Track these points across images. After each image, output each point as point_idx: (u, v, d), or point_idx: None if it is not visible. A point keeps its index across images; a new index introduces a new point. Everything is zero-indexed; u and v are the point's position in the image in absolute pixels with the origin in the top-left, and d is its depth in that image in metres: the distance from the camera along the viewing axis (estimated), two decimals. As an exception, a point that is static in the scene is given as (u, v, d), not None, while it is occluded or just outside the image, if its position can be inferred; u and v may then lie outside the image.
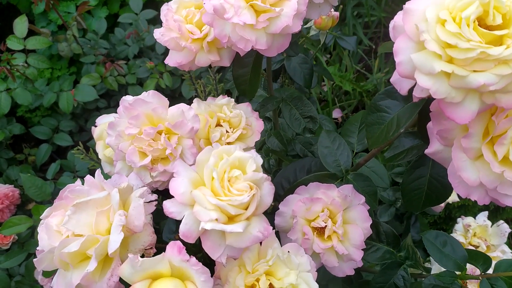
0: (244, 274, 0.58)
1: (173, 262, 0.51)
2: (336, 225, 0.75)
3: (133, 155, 0.70)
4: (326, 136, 0.86)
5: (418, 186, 0.67)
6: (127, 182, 0.57)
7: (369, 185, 0.83)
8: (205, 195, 0.53)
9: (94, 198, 0.54)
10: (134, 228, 0.55)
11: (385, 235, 0.84)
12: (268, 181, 0.55)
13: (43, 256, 0.54)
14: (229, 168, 0.54)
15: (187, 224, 0.53)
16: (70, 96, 1.56)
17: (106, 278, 0.53)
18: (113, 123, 0.72)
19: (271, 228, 0.56)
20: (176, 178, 0.55)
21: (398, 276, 0.82)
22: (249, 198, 0.52)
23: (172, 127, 0.70)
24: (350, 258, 0.77)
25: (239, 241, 0.54)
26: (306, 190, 0.79)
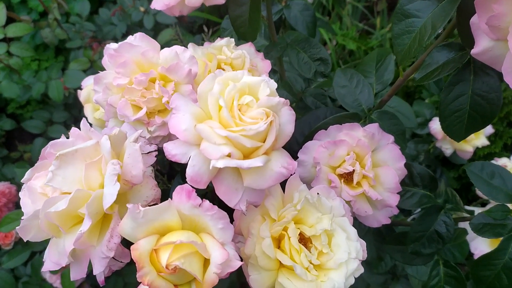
0: (269, 223, 0.49)
1: (183, 211, 0.42)
2: (365, 168, 0.66)
3: (125, 109, 0.60)
4: (341, 75, 0.76)
5: (458, 106, 0.58)
6: (118, 129, 0.47)
7: (396, 124, 0.73)
8: (213, 128, 0.43)
9: (80, 147, 0.45)
10: (132, 179, 0.45)
11: (419, 178, 0.75)
12: (287, 106, 0.46)
13: (27, 223, 0.45)
14: (238, 94, 0.45)
15: (195, 166, 0.44)
16: (60, 84, 1.46)
17: (105, 240, 0.43)
18: (99, 76, 0.62)
19: (295, 163, 0.46)
20: (176, 114, 0.45)
21: (439, 222, 0.73)
22: (266, 126, 0.43)
23: (166, 71, 0.60)
24: (385, 205, 0.68)
25: (259, 180, 0.44)
26: (326, 134, 0.70)
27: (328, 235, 0.51)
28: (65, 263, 0.44)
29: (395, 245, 0.81)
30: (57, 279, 1.24)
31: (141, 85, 0.60)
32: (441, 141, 1.15)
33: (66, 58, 1.70)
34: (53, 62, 1.67)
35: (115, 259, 0.47)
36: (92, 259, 0.45)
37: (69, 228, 0.45)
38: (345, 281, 0.49)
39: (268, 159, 0.44)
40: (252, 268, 0.47)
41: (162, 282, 0.40)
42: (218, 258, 0.40)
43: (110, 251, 0.43)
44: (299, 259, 0.48)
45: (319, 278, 0.49)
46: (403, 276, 1.05)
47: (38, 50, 1.69)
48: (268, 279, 0.48)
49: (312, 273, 0.48)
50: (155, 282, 0.39)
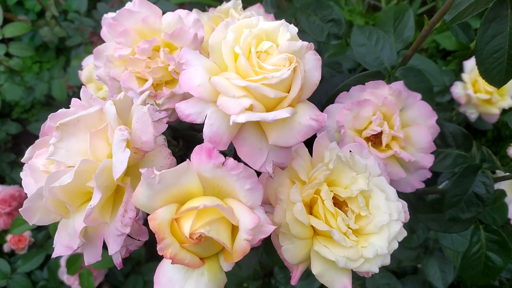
0: (299, 186, 0.43)
1: (204, 173, 0.37)
2: (394, 129, 0.61)
3: (130, 81, 0.56)
4: (359, 33, 0.70)
5: (497, 46, 0.52)
6: (123, 93, 0.42)
7: (422, 81, 0.68)
8: (230, 80, 0.38)
9: (83, 115, 0.40)
10: (142, 145, 0.40)
11: (452, 137, 0.69)
12: (311, 50, 0.40)
13: (31, 204, 0.40)
14: (255, 41, 0.40)
15: (213, 125, 0.39)
16: (63, 83, 1.42)
17: (119, 215, 0.38)
18: (99, 49, 0.58)
19: (325, 115, 0.41)
20: (187, 69, 0.40)
21: (477, 183, 0.67)
22: (290, 72, 0.38)
23: (170, 37, 0.56)
24: (418, 166, 0.62)
25: (286, 136, 0.39)
26: (348, 96, 0.65)
27: (365, 196, 0.45)
28: (77, 245, 0.39)
29: (430, 214, 0.76)
30: (75, 281, 1.20)
31: (144, 54, 0.56)
32: (465, 106, 1.08)
33: (67, 58, 1.65)
34: (54, 62, 1.63)
35: (131, 238, 0.42)
36: (106, 238, 0.40)
37: (78, 206, 0.40)
38: (388, 245, 0.44)
39: (295, 111, 0.39)
40: (284, 237, 0.42)
41: (186, 255, 0.35)
42: (248, 223, 0.35)
43: (125, 227, 0.38)
44: (335, 223, 0.42)
45: (359, 243, 0.43)
46: (437, 249, 0.99)
47: (39, 52, 1.65)
48: (303, 248, 0.43)
49: (351, 239, 0.43)
50: (179, 254, 0.34)
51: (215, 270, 0.37)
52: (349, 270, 0.43)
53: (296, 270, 0.44)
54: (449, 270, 0.99)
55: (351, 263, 0.42)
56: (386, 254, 0.44)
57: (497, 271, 0.71)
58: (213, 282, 0.36)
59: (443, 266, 0.98)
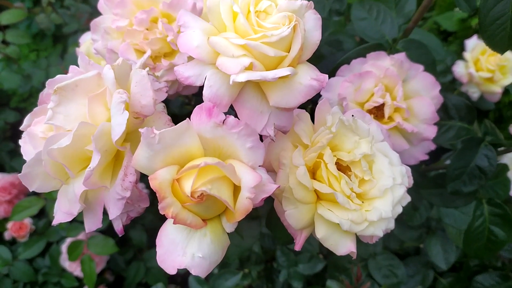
0: (302, 150, 0.43)
1: (204, 134, 0.36)
2: (397, 99, 0.60)
3: (128, 52, 0.55)
4: (359, 7, 0.70)
5: (500, 12, 0.51)
6: (121, 58, 0.42)
7: (424, 53, 0.67)
8: (229, 39, 0.37)
9: (80, 79, 0.40)
10: (142, 109, 0.40)
11: (455, 110, 0.68)
12: (311, 9, 0.39)
13: (30, 169, 0.39)
14: (253, 0, 0.39)
15: (213, 87, 0.38)
16: (60, 71, 1.41)
17: (119, 179, 0.38)
18: (96, 21, 0.57)
19: (326, 75, 0.40)
20: (185, 31, 0.39)
21: (480, 156, 0.67)
22: (290, 31, 0.37)
23: (168, 7, 0.55)
24: (421, 138, 0.61)
25: (287, 96, 0.39)
26: (349, 69, 0.64)
27: (368, 161, 0.45)
28: (77, 211, 0.39)
29: (433, 189, 0.75)
30: (77, 267, 1.20)
31: (142, 25, 0.55)
32: (467, 85, 1.07)
33: (64, 46, 1.64)
34: (52, 50, 1.61)
35: (131, 204, 0.41)
36: (107, 203, 0.39)
37: (78, 171, 0.39)
38: (392, 209, 0.43)
39: (296, 71, 0.39)
40: (288, 202, 0.42)
41: (188, 215, 0.34)
42: (250, 181, 0.34)
43: (125, 191, 0.38)
44: (339, 187, 0.42)
45: (363, 207, 0.43)
46: (439, 229, 0.99)
47: (36, 40, 1.64)
48: (307, 212, 0.42)
49: (355, 202, 0.42)
50: (180, 214, 0.34)
51: (218, 232, 0.37)
52: (353, 234, 0.42)
53: (300, 236, 0.44)
54: (451, 250, 0.99)
55: (356, 226, 0.41)
56: (390, 218, 0.43)
57: (500, 245, 0.71)
58: (216, 243, 0.36)
59: (446, 246, 0.98)
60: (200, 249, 0.35)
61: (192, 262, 0.35)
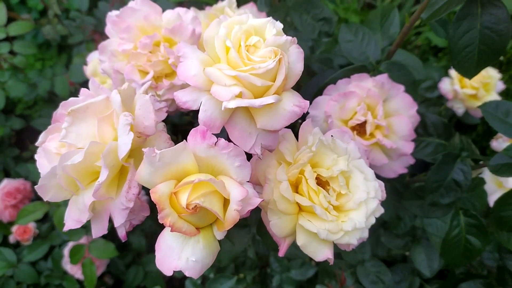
0: (286, 167, 0.48)
1: (199, 153, 0.42)
2: (377, 118, 0.66)
3: (133, 73, 0.60)
4: (346, 30, 0.75)
5: (468, 41, 0.57)
6: (127, 83, 0.47)
7: (405, 74, 0.72)
8: (222, 70, 0.43)
9: (91, 102, 0.45)
10: (145, 130, 0.45)
11: (433, 127, 0.74)
12: (294, 44, 0.45)
13: (45, 181, 0.44)
14: (244, 36, 0.44)
15: (207, 111, 0.43)
16: (65, 80, 1.47)
17: (123, 191, 0.43)
18: (103, 44, 0.62)
19: (307, 102, 0.46)
20: (184, 61, 0.45)
21: (456, 170, 0.72)
22: (275, 63, 0.42)
23: (170, 33, 0.60)
24: (400, 153, 0.67)
25: (272, 121, 0.44)
26: (335, 88, 0.69)
27: (346, 176, 0.50)
28: (86, 219, 0.44)
29: (414, 200, 0.80)
30: (78, 270, 1.25)
31: (146, 49, 0.60)
32: (452, 101, 1.13)
33: (69, 55, 1.70)
34: (57, 60, 1.67)
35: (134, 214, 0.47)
36: (112, 212, 0.45)
37: (87, 183, 0.45)
38: (365, 220, 0.48)
39: (280, 98, 0.44)
40: (272, 213, 0.47)
41: (184, 224, 0.40)
42: (238, 195, 0.40)
43: (129, 202, 0.43)
44: (318, 200, 0.47)
45: (340, 218, 0.48)
46: (424, 238, 1.04)
47: (41, 50, 1.70)
48: (289, 223, 0.48)
49: (332, 214, 0.48)
50: (177, 223, 0.39)
51: (209, 239, 0.42)
52: (331, 242, 0.48)
53: (283, 243, 0.49)
54: (435, 258, 1.04)
55: (332, 235, 0.47)
56: (364, 228, 0.48)
57: (476, 253, 0.76)
58: (208, 249, 0.41)
59: (430, 254, 1.03)
60: (194, 254, 0.40)
61: (186, 265, 0.40)
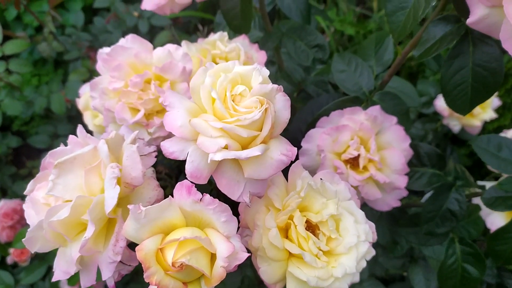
0: (274, 213, 0.48)
1: (185, 207, 0.42)
2: (370, 152, 0.65)
3: (123, 112, 0.60)
4: (339, 59, 0.75)
5: (461, 79, 0.56)
6: (114, 132, 0.47)
7: (398, 104, 0.72)
8: (208, 121, 0.43)
9: (78, 153, 0.45)
10: (132, 181, 0.45)
11: (427, 157, 0.74)
12: (280, 92, 0.45)
13: (33, 234, 0.44)
14: (230, 85, 0.44)
15: (194, 162, 0.43)
16: (61, 97, 1.47)
17: (111, 244, 0.43)
18: (95, 81, 0.62)
19: (295, 149, 0.45)
20: (171, 110, 0.45)
21: (451, 200, 0.72)
22: (261, 114, 0.42)
23: (160, 71, 0.60)
24: (393, 187, 0.67)
25: (260, 170, 0.44)
26: (328, 120, 0.69)
27: (335, 219, 0.50)
28: (74, 271, 0.44)
29: (409, 227, 0.80)
30: (76, 290, 1.25)
31: (136, 87, 0.60)
32: (448, 118, 1.13)
33: (65, 71, 1.70)
34: (53, 75, 1.67)
35: (123, 263, 0.46)
36: (100, 265, 0.44)
37: (74, 235, 0.44)
38: (356, 264, 0.48)
39: (267, 147, 0.44)
40: (261, 260, 0.47)
41: (170, 281, 0.39)
42: (224, 252, 0.39)
43: (117, 255, 0.43)
44: (307, 246, 0.47)
45: (330, 264, 0.48)
46: (421, 258, 1.04)
47: (37, 65, 1.70)
48: (278, 269, 0.47)
49: (322, 260, 0.47)
50: (163, 281, 0.39)
51: (197, 293, 0.42)
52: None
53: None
54: (433, 278, 1.03)
55: (322, 282, 0.46)
56: (355, 273, 0.48)
57: (475, 282, 0.76)
58: (196, 304, 0.41)
59: (427, 274, 1.02)
60: (181, 310, 0.40)
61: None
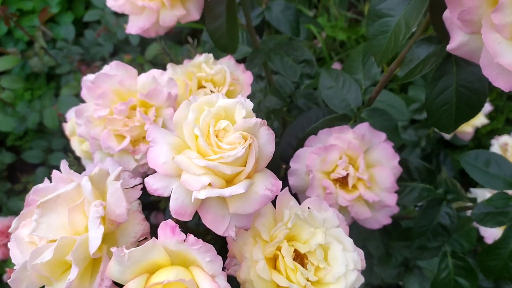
0: (262, 245, 0.48)
1: (169, 247, 0.41)
2: (359, 171, 0.65)
3: (109, 140, 0.60)
4: (327, 76, 0.75)
5: (445, 100, 0.56)
6: (98, 167, 0.47)
7: (387, 119, 0.72)
8: (191, 159, 0.42)
9: (61, 192, 0.45)
10: (116, 218, 0.45)
11: (417, 172, 0.73)
12: (264, 126, 0.45)
13: (18, 275, 0.44)
14: (213, 120, 0.44)
15: (178, 199, 0.43)
16: (54, 112, 1.46)
17: (96, 284, 0.43)
18: (79, 109, 0.62)
19: (280, 182, 0.45)
20: (154, 146, 0.44)
21: (442, 214, 0.72)
22: (244, 150, 0.42)
23: (145, 97, 0.60)
24: (383, 205, 0.66)
25: (244, 206, 0.43)
26: (316, 139, 0.69)
27: (324, 248, 0.50)
28: (60, 310, 0.44)
29: (402, 241, 0.80)
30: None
31: (122, 115, 0.60)
32: (439, 126, 1.13)
33: (57, 84, 1.70)
34: (46, 89, 1.67)
35: (110, 300, 0.46)
36: (86, 304, 0.44)
37: (59, 275, 0.44)
38: (345, 294, 0.48)
39: (251, 182, 0.44)
40: (250, 292, 0.47)
41: (155, 322, 0.39)
42: (209, 292, 0.39)
43: (102, 295, 0.43)
44: (295, 278, 0.47)
45: (319, 294, 0.48)
46: (416, 268, 1.04)
47: (30, 79, 1.69)
48: (267, 301, 0.47)
49: (310, 291, 0.47)
50: (148, 323, 0.39)
51: (184, 332, 0.41)
52: (310, 319, 0.47)
53: (263, 320, 0.49)
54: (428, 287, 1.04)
55: (311, 314, 0.46)
56: (344, 302, 0.48)
57: (467, 294, 0.76)
58: None
59: (423, 283, 1.02)
60: None
61: None
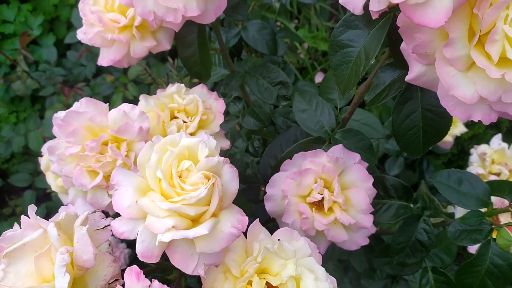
0: (232, 281, 0.48)
1: (136, 292, 0.42)
2: (334, 194, 0.65)
3: (81, 178, 0.60)
4: (300, 99, 0.75)
5: (412, 124, 0.57)
6: (65, 212, 0.47)
7: (361, 139, 0.72)
8: (154, 202, 0.43)
9: (28, 241, 0.45)
10: (84, 263, 0.45)
11: (393, 189, 0.74)
12: (227, 164, 0.45)
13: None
14: (176, 161, 0.44)
15: (144, 242, 0.43)
16: (39, 135, 1.47)
17: (65, 332, 0.43)
18: (51, 146, 0.62)
19: (246, 218, 0.46)
20: (118, 190, 0.45)
21: (420, 231, 0.72)
22: (207, 190, 0.42)
23: (116, 133, 0.60)
24: (359, 227, 0.67)
25: (211, 245, 0.44)
26: (292, 164, 0.69)
27: (296, 279, 0.50)
28: None
29: (383, 258, 0.80)
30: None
31: (93, 151, 0.60)
32: (420, 136, 1.14)
33: (42, 105, 1.70)
34: (30, 111, 1.66)
35: None
36: None
37: (29, 322, 0.44)
38: (318, 324, 0.48)
39: (217, 221, 0.44)
40: (223, 328, 0.47)
41: None
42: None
43: None
44: (267, 312, 0.47)
45: (291, 327, 0.48)
46: (402, 279, 1.04)
47: (15, 102, 1.69)
48: (240, 337, 0.47)
49: (283, 324, 0.47)
50: None
51: None
52: None
53: None
54: (416, 297, 1.04)
55: None
56: (317, 334, 0.48)
57: (449, 307, 0.76)
58: None
59: (410, 294, 1.03)
60: None
61: None
